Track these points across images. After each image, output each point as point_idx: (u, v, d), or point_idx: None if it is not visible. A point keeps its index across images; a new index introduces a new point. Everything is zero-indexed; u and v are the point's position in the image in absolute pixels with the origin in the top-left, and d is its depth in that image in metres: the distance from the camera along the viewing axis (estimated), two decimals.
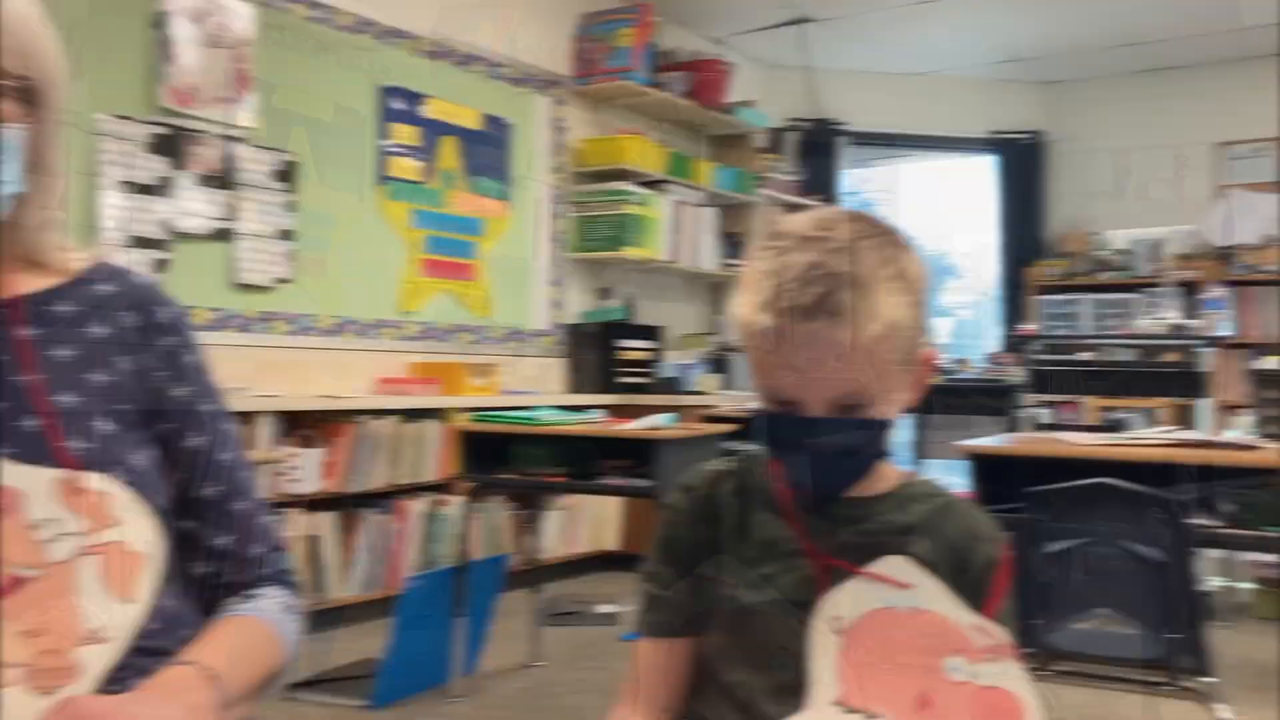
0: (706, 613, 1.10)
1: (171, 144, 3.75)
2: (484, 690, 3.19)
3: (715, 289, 6.25)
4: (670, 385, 5.32)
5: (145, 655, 0.92)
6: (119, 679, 0.88)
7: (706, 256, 5.87)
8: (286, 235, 4.11)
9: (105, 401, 0.99)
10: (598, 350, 5.24)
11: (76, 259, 1.06)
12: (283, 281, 4.11)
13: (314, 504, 3.87)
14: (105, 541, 0.90)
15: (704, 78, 5.78)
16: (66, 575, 0.88)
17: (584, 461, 3.13)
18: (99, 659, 0.87)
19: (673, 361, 5.59)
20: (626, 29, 5.34)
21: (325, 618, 3.79)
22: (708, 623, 1.10)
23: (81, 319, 1.02)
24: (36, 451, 0.92)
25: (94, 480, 0.91)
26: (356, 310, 4.40)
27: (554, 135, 5.32)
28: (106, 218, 3.55)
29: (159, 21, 3.71)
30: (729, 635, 1.08)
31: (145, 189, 3.68)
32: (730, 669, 1.08)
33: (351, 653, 3.53)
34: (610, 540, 5.13)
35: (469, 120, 4.87)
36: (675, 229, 5.63)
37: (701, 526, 1.12)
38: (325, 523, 3.87)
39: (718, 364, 5.99)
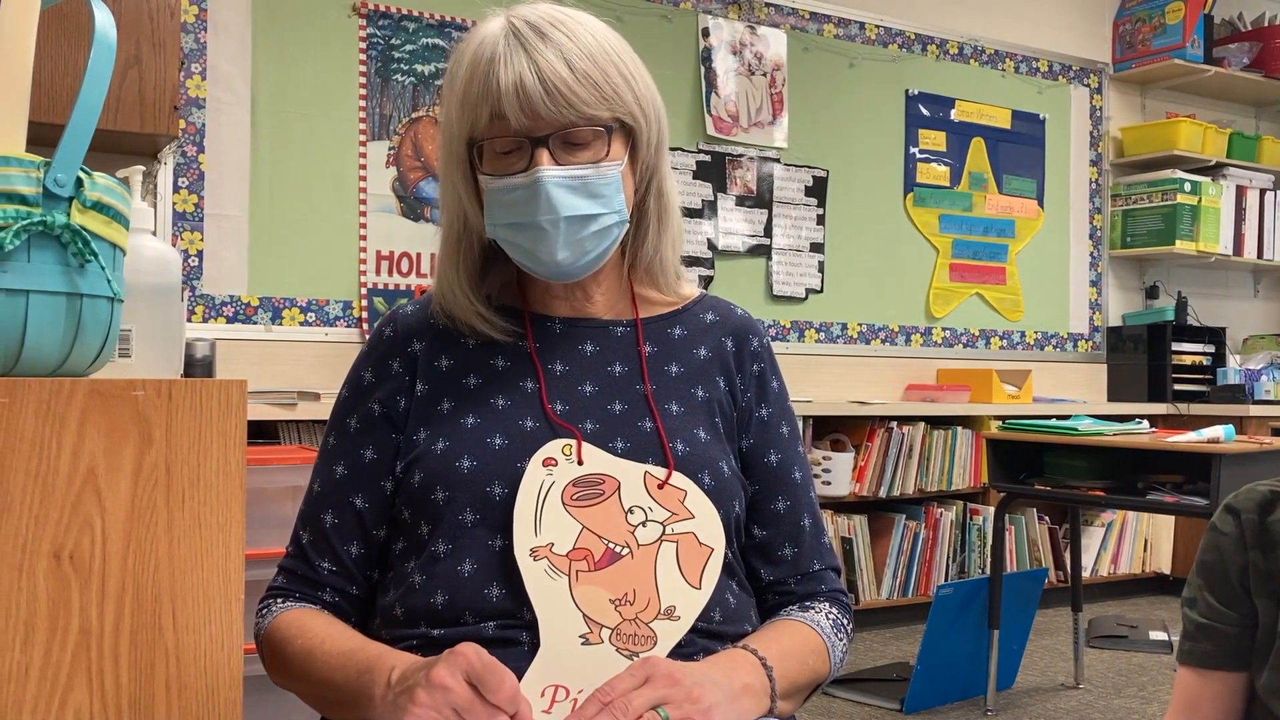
0: (1260, 647, 0.99)
1: (714, 169, 4.08)
2: (1020, 707, 3.09)
3: None
4: (1234, 394, 4.77)
5: (708, 638, 1.04)
6: (686, 655, 1.00)
7: (1279, 246, 5.19)
8: (817, 248, 4.29)
9: (703, 413, 1.13)
10: (1144, 355, 4.84)
11: (687, 290, 1.22)
12: (814, 292, 4.29)
13: (846, 506, 3.99)
14: (681, 532, 1.03)
15: (1273, 46, 5.12)
16: (650, 557, 1.02)
17: (1128, 475, 2.92)
18: (671, 633, 1.00)
19: (1237, 367, 5.00)
20: (1176, 3, 4.89)
21: (857, 619, 3.88)
22: (1261, 658, 0.99)
23: (690, 342, 1.18)
24: (648, 448, 1.08)
25: (676, 478, 1.06)
26: (885, 317, 4.46)
27: (1092, 126, 5.01)
28: None
29: (706, 58, 4.06)
30: None
31: (693, 213, 4.03)
32: None
33: (883, 655, 3.60)
34: (1162, 562, 4.72)
35: (999, 119, 4.74)
36: (1238, 217, 5.05)
37: (1250, 554, 1.01)
38: (857, 525, 3.97)
39: None
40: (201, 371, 2.88)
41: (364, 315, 3.47)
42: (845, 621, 1.14)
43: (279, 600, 1.11)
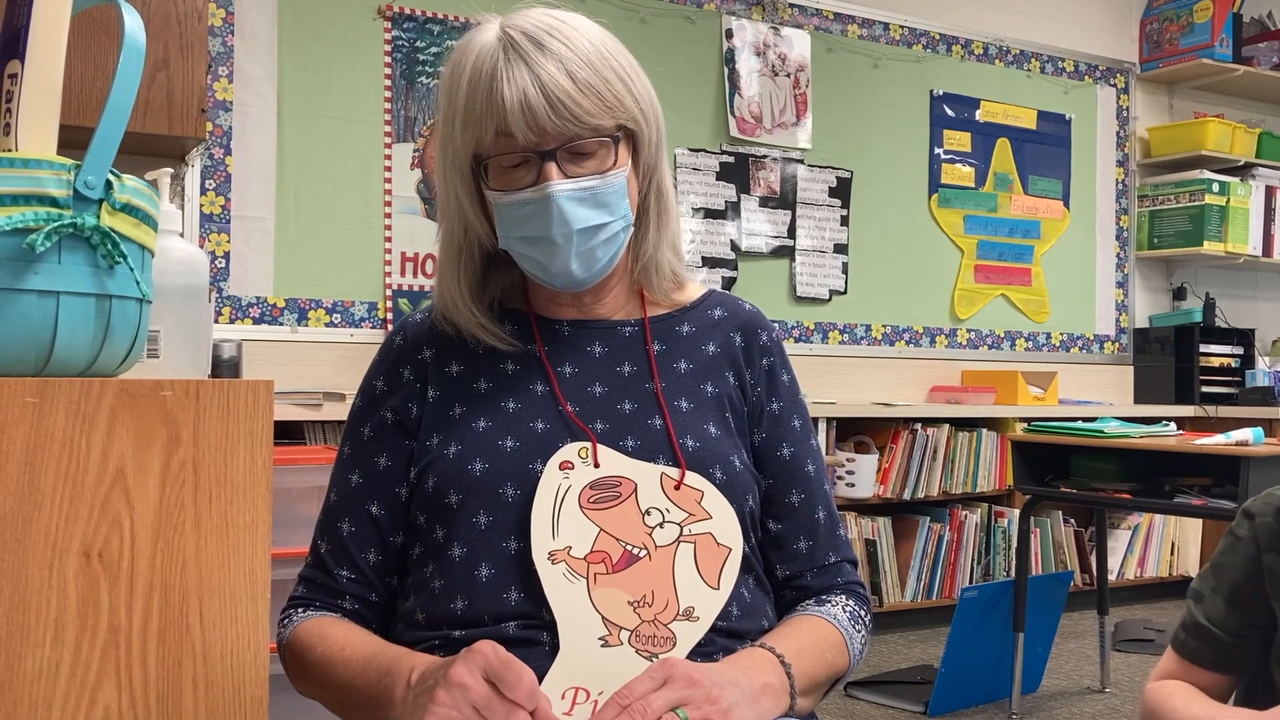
0: (1260, 654, 0.99)
1: (737, 170, 4.07)
2: (1045, 711, 3.07)
3: None
4: (1263, 396, 4.72)
5: (727, 637, 1.04)
6: (705, 655, 1.00)
7: None
8: (841, 249, 4.28)
9: (713, 408, 1.13)
10: (1171, 357, 4.80)
11: (694, 287, 1.22)
12: (838, 293, 4.28)
13: (869, 509, 3.98)
14: (699, 533, 1.03)
15: None
16: (668, 558, 1.02)
17: (1154, 478, 2.89)
18: (690, 634, 1.00)
19: (1266, 369, 4.95)
20: (1204, 1, 4.84)
21: (881, 621, 3.87)
22: (1261, 663, 0.99)
23: (698, 339, 1.18)
24: (658, 445, 1.08)
25: (692, 479, 1.06)
26: (909, 319, 4.45)
27: (1118, 126, 4.97)
28: (685, 243, 3.95)
29: (729, 59, 4.05)
30: None
31: (715, 214, 4.03)
32: None
33: (907, 658, 3.58)
34: (1189, 565, 4.68)
35: (1024, 120, 4.71)
36: (1267, 218, 5.00)
37: (1265, 556, 1.01)
38: (881, 528, 3.95)
39: None
40: (228, 372, 2.91)
41: (389, 316, 3.49)
42: (863, 613, 1.14)
43: (299, 610, 1.12)
